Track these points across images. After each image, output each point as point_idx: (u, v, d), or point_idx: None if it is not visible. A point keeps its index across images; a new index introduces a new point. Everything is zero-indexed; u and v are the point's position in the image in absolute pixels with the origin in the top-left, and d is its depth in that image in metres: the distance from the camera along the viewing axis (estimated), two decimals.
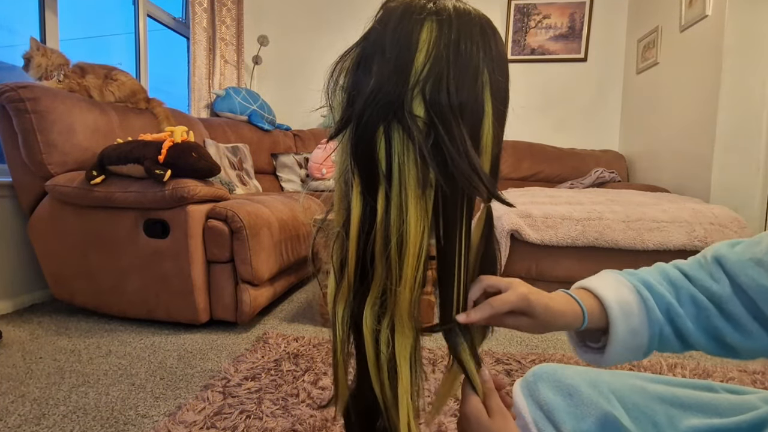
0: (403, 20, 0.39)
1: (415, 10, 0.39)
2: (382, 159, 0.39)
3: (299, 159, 3.02)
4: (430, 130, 0.38)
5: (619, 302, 0.46)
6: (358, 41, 0.42)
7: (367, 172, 0.40)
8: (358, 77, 0.40)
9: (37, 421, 0.96)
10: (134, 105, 1.97)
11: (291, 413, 0.98)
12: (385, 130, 0.39)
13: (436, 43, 0.38)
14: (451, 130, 0.38)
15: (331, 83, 0.43)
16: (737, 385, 0.54)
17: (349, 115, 0.40)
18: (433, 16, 0.39)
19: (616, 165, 2.99)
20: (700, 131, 2.24)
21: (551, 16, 3.20)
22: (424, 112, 0.38)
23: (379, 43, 0.40)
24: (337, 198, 0.45)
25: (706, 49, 2.21)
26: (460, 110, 0.38)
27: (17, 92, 1.49)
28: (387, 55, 0.39)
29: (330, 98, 0.43)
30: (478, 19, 0.41)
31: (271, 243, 1.59)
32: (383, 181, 0.40)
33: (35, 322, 1.58)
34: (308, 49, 3.50)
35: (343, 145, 0.42)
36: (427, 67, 0.38)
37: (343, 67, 0.42)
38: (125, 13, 2.60)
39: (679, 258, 0.52)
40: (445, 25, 0.39)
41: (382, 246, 0.40)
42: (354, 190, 0.41)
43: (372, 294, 0.42)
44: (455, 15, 0.39)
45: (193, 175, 1.46)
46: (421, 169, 0.39)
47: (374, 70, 0.39)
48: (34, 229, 1.59)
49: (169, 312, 1.51)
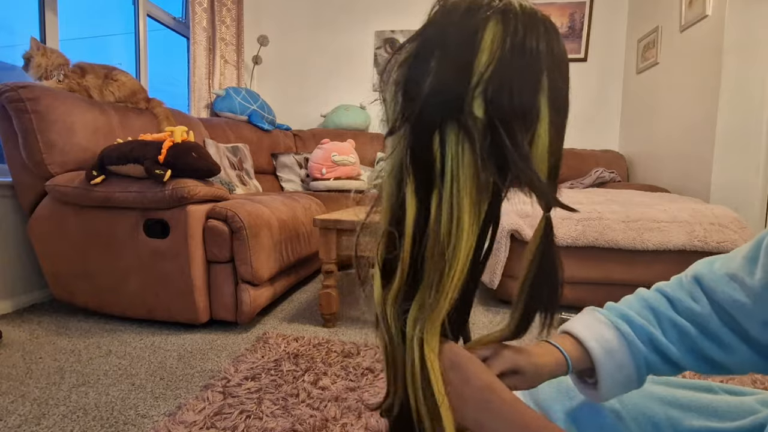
0: (468, 15, 0.37)
1: (479, 5, 0.37)
2: (438, 160, 0.38)
3: (299, 159, 3.02)
4: (487, 133, 0.37)
5: (599, 341, 0.48)
6: (416, 34, 0.40)
7: (422, 173, 0.39)
8: (416, 73, 0.38)
9: (37, 421, 0.96)
10: (134, 105, 1.97)
11: (291, 413, 0.98)
12: (443, 130, 0.37)
13: (501, 43, 0.36)
14: (513, 133, 0.36)
15: (384, 76, 0.41)
16: (736, 386, 0.55)
17: (409, 113, 0.39)
18: (499, 14, 0.37)
19: (616, 165, 2.99)
20: (700, 131, 2.24)
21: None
22: (484, 114, 0.36)
23: (439, 39, 0.38)
24: (386, 196, 0.43)
25: (706, 49, 2.21)
26: (521, 112, 0.37)
27: (17, 92, 1.49)
28: (449, 51, 0.37)
29: (383, 91, 0.41)
30: (543, 20, 0.39)
31: (271, 243, 1.59)
32: (437, 183, 0.38)
33: (35, 322, 1.58)
34: (308, 49, 3.50)
35: (395, 142, 0.41)
36: (491, 68, 0.36)
37: (397, 60, 0.40)
38: (125, 13, 2.61)
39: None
40: (510, 24, 0.37)
41: (434, 248, 0.39)
42: (408, 189, 0.40)
43: (419, 297, 0.40)
44: (522, 14, 0.37)
45: (193, 175, 1.46)
46: (478, 173, 0.37)
47: (433, 67, 0.37)
48: (34, 229, 1.59)
49: (169, 312, 1.51)
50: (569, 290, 1.79)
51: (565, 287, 0.51)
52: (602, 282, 1.78)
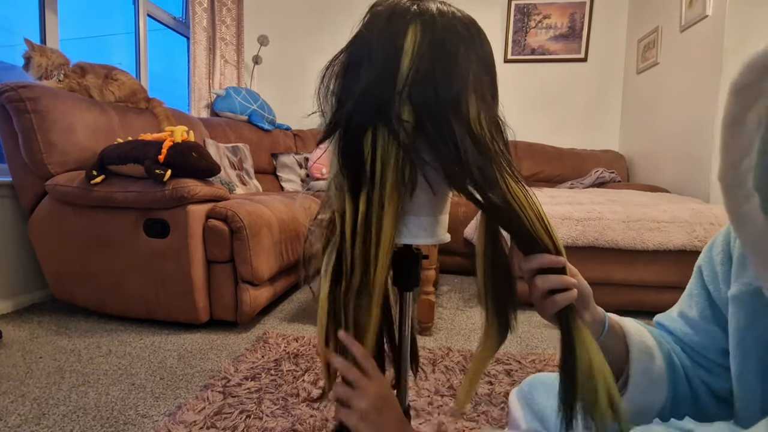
0: (389, 24, 0.40)
1: (399, 13, 0.40)
2: (368, 162, 0.40)
3: (299, 159, 3.02)
4: (420, 132, 0.39)
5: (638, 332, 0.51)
6: (346, 46, 0.43)
7: (354, 174, 0.42)
8: (347, 82, 0.41)
9: (37, 420, 0.96)
10: (134, 105, 1.97)
11: (291, 413, 0.98)
12: (373, 134, 0.40)
13: (420, 45, 0.39)
14: (440, 127, 0.39)
15: (322, 88, 0.44)
16: None
17: (338, 119, 0.41)
18: (417, 18, 0.39)
19: (616, 165, 2.99)
20: (700, 131, 2.24)
21: (551, 16, 3.20)
22: (413, 115, 0.39)
23: (366, 48, 0.40)
24: (330, 199, 0.47)
25: (706, 49, 2.21)
26: (448, 108, 0.39)
27: (17, 92, 1.49)
28: (373, 60, 0.39)
29: (321, 103, 0.44)
30: (462, 19, 0.41)
31: (271, 243, 1.59)
32: (366, 183, 0.41)
33: (35, 322, 1.58)
34: (308, 49, 3.50)
35: (333, 148, 0.44)
36: (413, 71, 0.38)
37: (333, 72, 0.43)
38: (125, 12, 2.60)
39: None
40: (428, 27, 0.39)
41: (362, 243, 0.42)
42: (345, 191, 0.43)
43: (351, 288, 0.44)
44: (439, 16, 0.40)
45: (193, 174, 1.46)
46: (401, 170, 0.40)
47: (362, 75, 0.40)
48: (34, 229, 1.59)
49: (169, 312, 1.51)
50: None
51: None
52: (602, 282, 1.78)
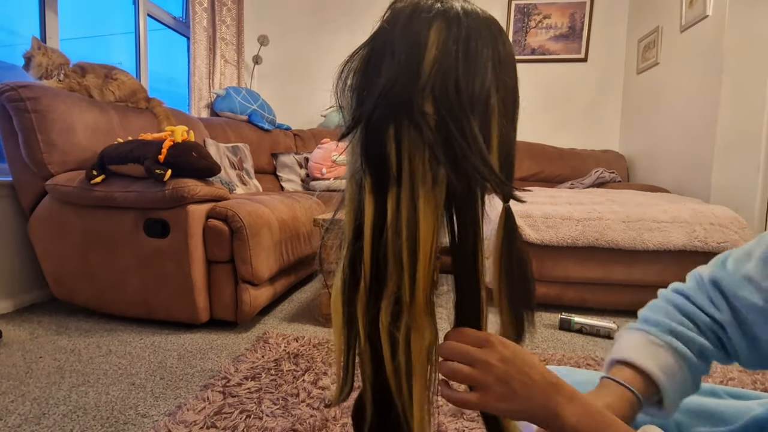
0: (412, 20, 0.39)
1: (423, 9, 0.39)
2: (393, 159, 0.39)
3: (299, 159, 3.02)
4: (441, 128, 0.38)
5: (662, 369, 0.46)
6: (366, 41, 0.42)
7: (377, 172, 0.40)
8: (368, 77, 0.40)
9: (37, 420, 0.96)
10: (134, 104, 1.97)
11: (291, 413, 0.98)
12: (396, 129, 0.39)
13: (444, 42, 0.38)
14: (462, 126, 0.38)
15: (339, 84, 0.42)
16: (739, 389, 0.54)
17: (360, 114, 0.40)
18: (441, 15, 0.39)
19: (616, 165, 2.99)
20: (701, 131, 2.24)
21: (551, 16, 3.20)
22: (435, 110, 0.38)
23: (387, 44, 0.40)
24: (348, 198, 0.45)
25: (707, 49, 2.21)
26: (470, 106, 0.38)
27: (17, 91, 1.49)
28: (396, 55, 0.39)
29: (339, 98, 0.43)
30: (486, 19, 0.41)
31: (271, 243, 1.59)
32: (393, 181, 0.39)
33: (35, 321, 1.58)
34: (308, 49, 3.50)
35: (353, 145, 0.42)
36: (437, 66, 0.38)
37: (351, 67, 0.42)
38: (125, 12, 2.60)
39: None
40: (453, 24, 0.39)
41: (393, 246, 0.40)
42: (365, 190, 0.41)
43: (387, 294, 0.41)
44: (463, 14, 0.39)
45: (193, 174, 1.46)
46: (432, 168, 0.39)
47: (383, 71, 0.39)
48: (34, 229, 1.59)
49: (169, 312, 1.51)
50: (571, 290, 1.79)
51: (567, 287, 0.51)
52: (602, 282, 1.78)
